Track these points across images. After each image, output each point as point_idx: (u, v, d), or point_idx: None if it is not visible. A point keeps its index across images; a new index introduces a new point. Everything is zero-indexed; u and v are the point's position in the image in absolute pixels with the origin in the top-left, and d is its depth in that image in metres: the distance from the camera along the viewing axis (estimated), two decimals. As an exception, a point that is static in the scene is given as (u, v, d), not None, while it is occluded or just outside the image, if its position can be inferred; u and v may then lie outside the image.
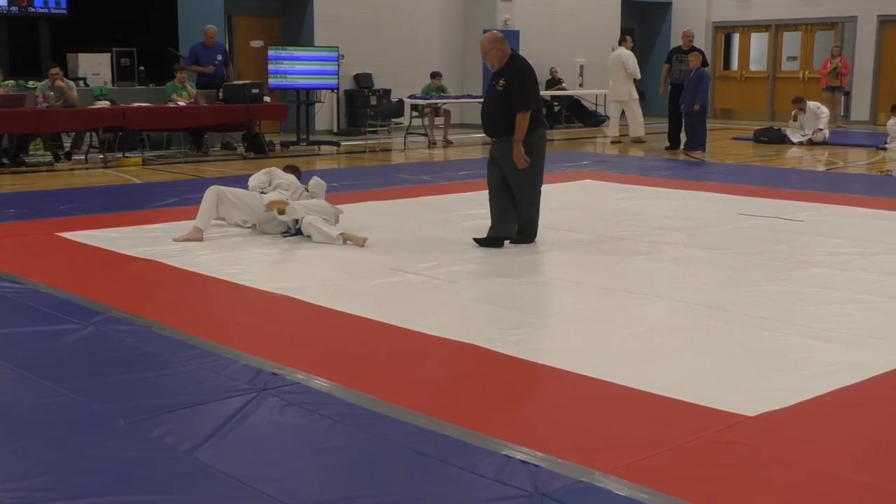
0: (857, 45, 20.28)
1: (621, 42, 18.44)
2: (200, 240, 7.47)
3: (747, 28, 22.17)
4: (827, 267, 6.80)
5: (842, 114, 19.72)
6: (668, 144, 15.70)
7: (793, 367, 4.69)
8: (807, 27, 21.44)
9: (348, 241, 7.36)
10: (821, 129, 15.93)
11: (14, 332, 5.17)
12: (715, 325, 5.44)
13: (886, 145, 15.44)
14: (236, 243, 7.60)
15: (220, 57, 14.74)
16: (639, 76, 17.26)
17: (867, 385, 4.41)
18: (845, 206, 9.51)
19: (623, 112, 17.25)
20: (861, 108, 20.36)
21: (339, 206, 7.95)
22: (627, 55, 17.06)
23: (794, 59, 21.98)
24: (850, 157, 14.72)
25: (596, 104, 20.99)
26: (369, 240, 7.36)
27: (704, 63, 14.98)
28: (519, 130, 7.11)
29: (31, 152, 13.21)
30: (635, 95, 17.02)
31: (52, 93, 12.59)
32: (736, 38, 22.58)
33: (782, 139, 16.45)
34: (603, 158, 14.76)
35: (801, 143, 16.14)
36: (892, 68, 20.10)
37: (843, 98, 19.79)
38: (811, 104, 16.40)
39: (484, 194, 7.73)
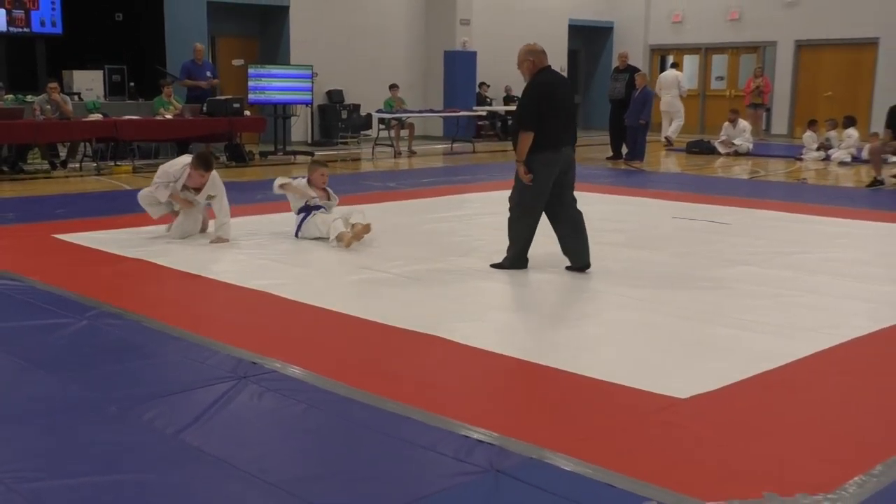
0: (777, 67, 20.54)
1: (673, 65, 18.91)
2: None
3: (680, 50, 22.36)
4: (751, 265, 6.88)
5: (763, 128, 19.95)
6: (610, 155, 15.79)
7: (721, 354, 4.73)
8: (733, 50, 21.67)
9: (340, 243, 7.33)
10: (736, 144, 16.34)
11: (13, 326, 5.11)
12: (653, 318, 5.48)
13: (803, 156, 15.67)
14: (219, 245, 7.54)
15: (209, 73, 14.68)
16: (685, 94, 17.88)
17: (787, 370, 4.47)
18: (767, 210, 9.63)
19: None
20: (780, 122, 20.62)
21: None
22: (681, 76, 17.71)
23: (721, 78, 22.21)
24: (770, 166, 14.90)
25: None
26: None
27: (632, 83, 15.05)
28: (517, 150, 6.35)
29: (29, 161, 13.10)
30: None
31: (48, 106, 12.51)
32: (670, 59, 22.76)
33: (712, 150, 16.66)
34: (551, 167, 14.81)
35: (727, 154, 16.37)
36: (807, 87, 20.37)
37: (764, 114, 20.02)
38: (741, 122, 16.79)
39: (445, 199, 7.73)
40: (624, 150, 15.25)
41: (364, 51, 18.46)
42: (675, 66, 19.18)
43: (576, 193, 6.68)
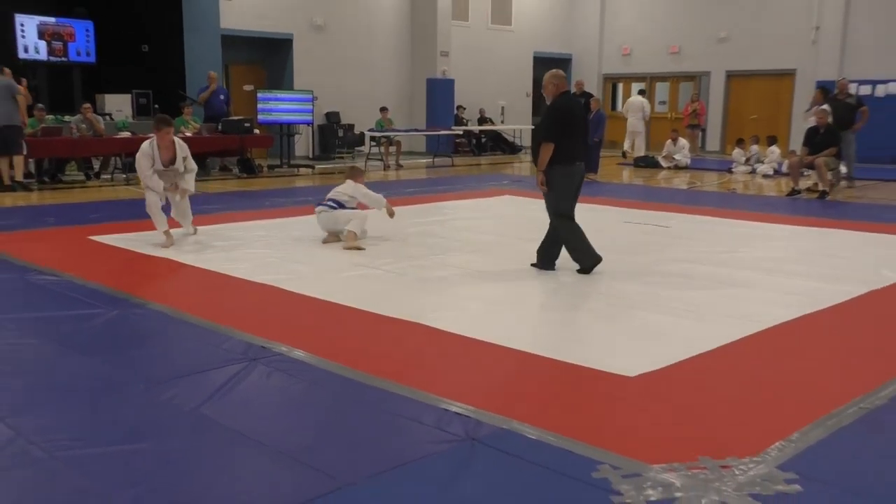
0: (711, 93, 20.65)
1: (641, 92, 18.94)
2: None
3: (628, 79, 22.44)
4: (689, 262, 6.91)
5: (699, 145, 20.06)
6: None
7: (663, 339, 4.76)
8: (673, 79, 21.76)
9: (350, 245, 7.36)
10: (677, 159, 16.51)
11: (53, 315, 5.08)
12: (607, 308, 5.51)
13: (733, 169, 15.77)
14: (232, 245, 7.52)
15: (222, 96, 14.63)
16: (648, 118, 17.98)
17: (718, 351, 4.51)
18: (702, 216, 9.68)
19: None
20: (714, 140, 20.74)
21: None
22: (646, 102, 17.82)
23: (664, 103, 22.29)
24: (705, 178, 14.98)
25: (514, 136, 21.09)
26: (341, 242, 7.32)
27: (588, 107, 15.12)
28: (539, 160, 6.25)
29: (66, 172, 13.03)
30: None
31: (83, 125, 12.44)
32: (620, 86, 22.85)
33: (656, 164, 16.75)
34: (519, 178, 14.83)
35: (669, 168, 16.47)
36: (736, 111, 20.49)
37: (700, 133, 20.12)
38: (680, 140, 16.97)
39: (428, 206, 7.71)
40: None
41: (358, 78, 18.44)
42: (643, 93, 19.24)
43: (540, 201, 6.69)
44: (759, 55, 19.59)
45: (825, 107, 12.43)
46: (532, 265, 6.58)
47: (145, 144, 7.45)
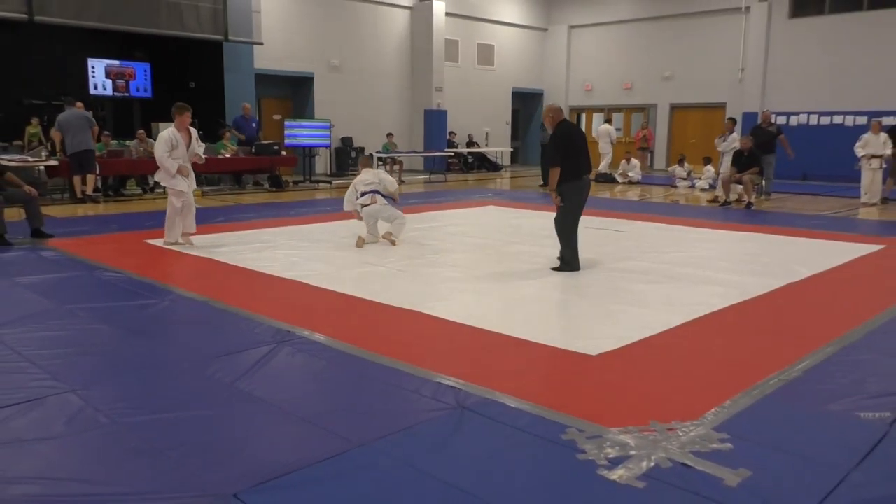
0: (658, 121, 20.66)
1: (607, 121, 18.79)
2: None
3: (590, 109, 22.45)
4: (640, 260, 6.91)
5: (648, 164, 20.06)
6: (541, 183, 15.82)
7: (619, 323, 4.75)
8: (627, 110, 21.75)
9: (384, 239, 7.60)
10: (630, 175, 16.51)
11: (114, 305, 5.04)
12: (573, 298, 5.50)
13: (676, 184, 15.78)
14: (263, 247, 7.48)
15: (254, 124, 14.59)
16: (615, 141, 17.53)
17: (665, 334, 4.50)
18: (651, 223, 9.69)
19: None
20: (660, 160, 20.74)
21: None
22: (612, 129, 17.48)
23: (619, 129, 22.26)
24: (653, 191, 14.98)
25: (496, 157, 21.09)
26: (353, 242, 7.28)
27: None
28: (550, 182, 6.31)
29: (127, 187, 12.95)
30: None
31: (140, 148, 12.38)
32: (584, 116, 22.87)
33: (613, 180, 16.73)
34: (500, 192, 14.82)
35: (624, 183, 16.47)
36: (678, 136, 20.49)
37: (649, 155, 20.13)
38: (633, 160, 16.99)
39: (425, 215, 7.68)
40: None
41: (367, 109, 18.40)
42: (609, 121, 19.16)
43: (518, 210, 6.69)
44: (696, 91, 19.64)
45: (743, 135, 12.51)
46: (553, 269, 6.45)
47: (165, 132, 7.24)
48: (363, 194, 7.62)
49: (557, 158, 6.19)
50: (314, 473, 2.66)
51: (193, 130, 7.52)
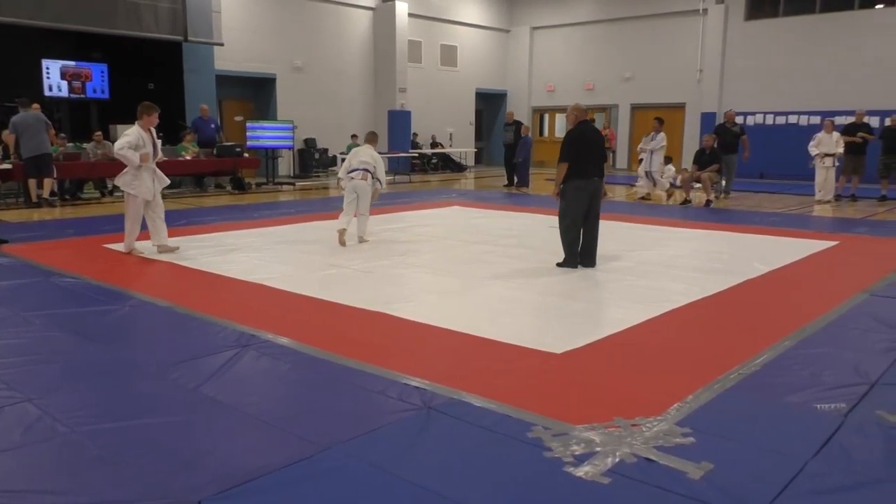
0: (619, 122, 20.92)
1: (591, 121, 18.44)
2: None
3: (553, 110, 22.63)
4: (604, 259, 6.95)
5: (610, 164, 20.28)
6: (505, 183, 15.90)
7: (584, 321, 4.80)
8: (589, 111, 21.93)
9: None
10: None
11: (72, 311, 4.93)
12: (531, 296, 5.53)
13: (637, 184, 15.96)
14: (226, 250, 7.39)
15: (213, 126, 14.39)
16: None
17: (628, 331, 4.56)
18: (613, 221, 9.78)
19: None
20: (622, 160, 21.02)
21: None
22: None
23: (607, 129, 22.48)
24: (616, 190, 15.16)
25: (460, 157, 21.14)
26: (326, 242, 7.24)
27: (518, 132, 15.22)
28: (556, 176, 6.44)
29: (84, 190, 12.68)
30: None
31: (98, 150, 12.13)
32: (547, 116, 23.04)
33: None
34: (465, 192, 14.86)
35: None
36: (640, 136, 20.47)
37: (611, 154, 20.35)
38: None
39: (390, 216, 7.67)
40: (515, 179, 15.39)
41: (331, 110, 18.28)
42: (592, 121, 19.16)
43: (483, 210, 6.70)
44: (657, 91, 19.94)
45: (706, 133, 12.73)
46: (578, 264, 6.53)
47: (130, 130, 6.98)
48: (355, 170, 7.74)
49: (566, 155, 6.31)
50: (280, 478, 2.63)
51: (153, 132, 7.34)
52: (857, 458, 2.81)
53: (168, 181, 7.45)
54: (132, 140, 6.93)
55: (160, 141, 7.37)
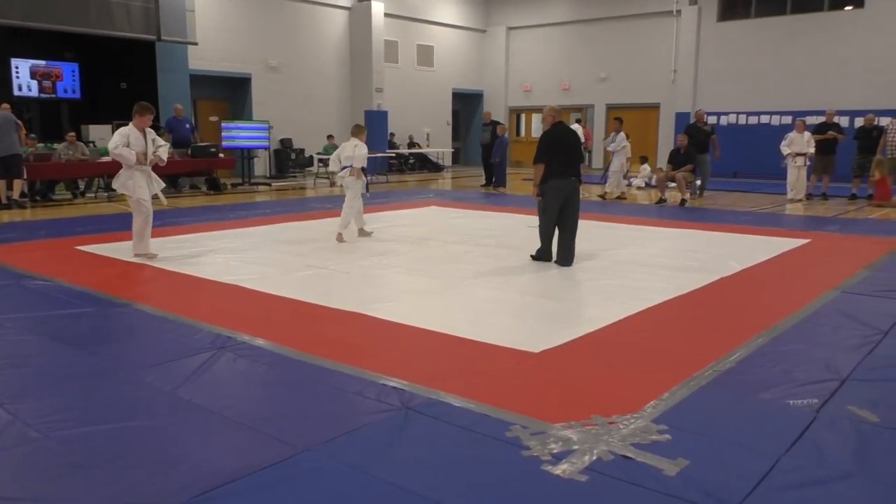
0: (595, 121, 21.07)
1: (578, 121, 18.53)
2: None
3: (530, 110, 22.72)
4: (581, 258, 6.99)
5: (586, 164, 20.40)
6: (483, 182, 15.93)
7: (561, 320, 4.82)
8: (565, 111, 21.95)
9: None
10: None
11: (45, 315, 4.85)
12: (509, 296, 5.55)
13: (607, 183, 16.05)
14: (202, 251, 7.32)
15: (188, 126, 14.24)
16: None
17: (606, 329, 4.59)
18: (590, 220, 9.83)
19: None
20: (598, 159, 21.16)
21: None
22: (580, 128, 16.95)
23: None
24: (592, 190, 15.24)
25: (437, 157, 21.14)
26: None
27: (495, 132, 15.24)
28: (534, 176, 6.59)
29: (56, 192, 12.48)
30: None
31: (70, 151, 11.96)
32: (523, 116, 23.12)
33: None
34: (442, 192, 14.85)
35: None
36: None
37: (587, 154, 20.45)
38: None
39: (367, 216, 7.66)
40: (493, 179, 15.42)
41: (307, 110, 18.18)
42: (580, 121, 19.15)
43: (461, 210, 6.72)
44: (632, 92, 20.11)
45: (679, 133, 12.85)
46: (554, 262, 6.71)
47: (122, 129, 6.89)
48: (345, 167, 7.98)
49: (542, 156, 6.47)
50: (259, 480, 2.61)
51: (151, 131, 7.18)
52: (829, 453, 2.86)
53: (164, 184, 7.36)
54: (122, 135, 6.83)
55: (159, 141, 7.20)
